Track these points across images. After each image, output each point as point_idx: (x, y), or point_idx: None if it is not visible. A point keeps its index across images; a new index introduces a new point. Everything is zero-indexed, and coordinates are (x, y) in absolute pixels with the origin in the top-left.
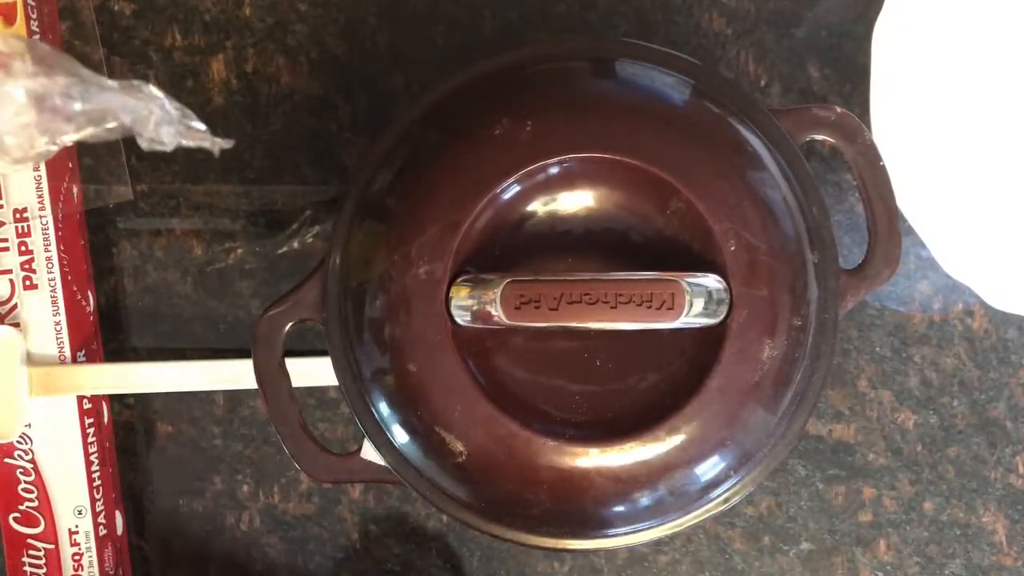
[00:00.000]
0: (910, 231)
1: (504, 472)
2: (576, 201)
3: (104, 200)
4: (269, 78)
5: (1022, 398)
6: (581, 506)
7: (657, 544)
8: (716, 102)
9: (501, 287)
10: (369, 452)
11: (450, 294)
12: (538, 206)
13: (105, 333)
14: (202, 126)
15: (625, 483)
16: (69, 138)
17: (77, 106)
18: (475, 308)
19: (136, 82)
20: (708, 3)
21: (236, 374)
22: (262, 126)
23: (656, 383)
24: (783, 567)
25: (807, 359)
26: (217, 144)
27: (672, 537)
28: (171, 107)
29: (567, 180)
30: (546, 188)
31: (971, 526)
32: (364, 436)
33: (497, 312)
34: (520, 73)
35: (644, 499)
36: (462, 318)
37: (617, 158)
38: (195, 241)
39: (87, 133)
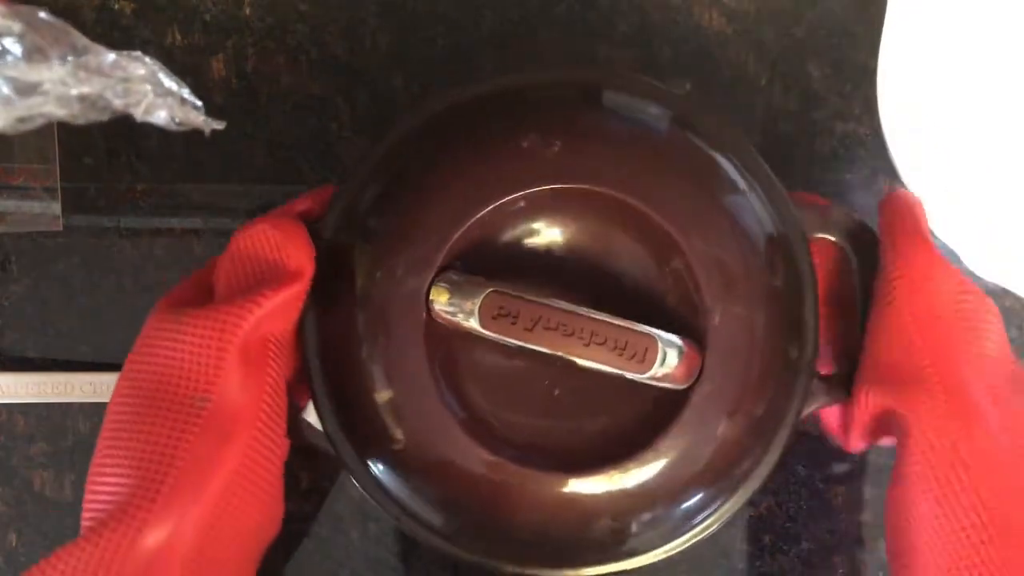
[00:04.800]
0: None
1: (445, 479)
2: (579, 234)
3: (29, 226)
4: (269, 78)
5: None
6: (528, 533)
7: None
8: (744, 179)
9: (484, 293)
10: (311, 414)
11: (431, 294)
12: (541, 228)
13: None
14: (197, 101)
15: (558, 517)
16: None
17: (73, 92)
18: (454, 309)
19: (135, 53)
20: (709, 2)
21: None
22: (262, 126)
23: (606, 428)
24: (783, 567)
25: (758, 448)
26: (210, 124)
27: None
28: (167, 79)
29: (577, 211)
30: (551, 213)
31: None
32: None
33: (474, 316)
34: (531, 96)
35: (563, 536)
36: (439, 310)
37: (631, 202)
38: (195, 241)
39: (76, 113)
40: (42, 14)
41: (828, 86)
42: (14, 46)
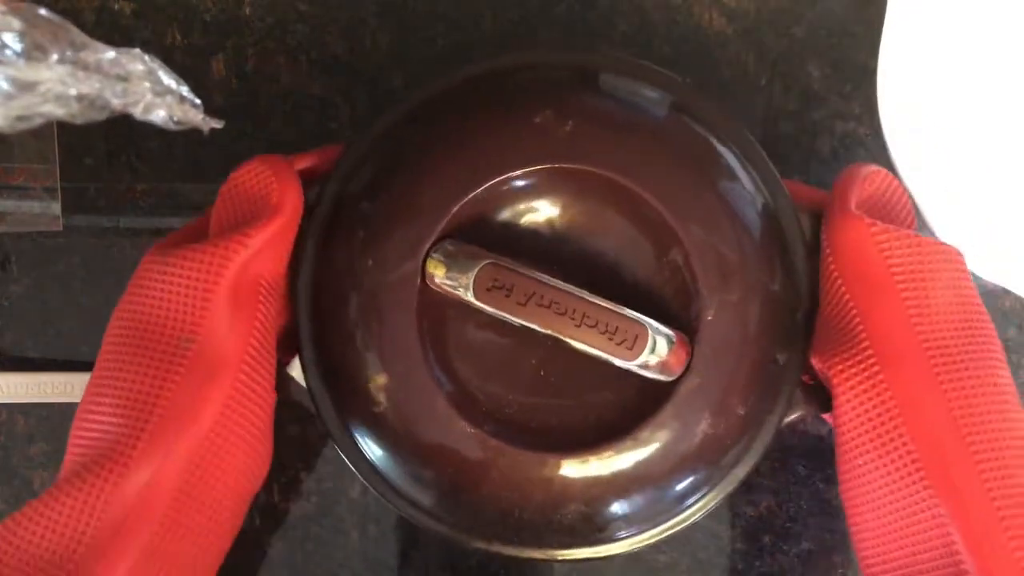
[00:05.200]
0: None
1: (436, 465)
2: (578, 216)
3: (29, 226)
4: (269, 78)
5: (1022, 398)
6: (498, 510)
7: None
8: (749, 177)
9: (480, 264)
10: (295, 369)
11: (427, 262)
12: (541, 208)
13: None
14: (196, 99)
15: (530, 496)
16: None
17: (71, 91)
18: (449, 279)
19: (135, 50)
20: (709, 2)
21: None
22: (262, 126)
23: (588, 413)
24: (783, 567)
25: (738, 448)
26: (208, 123)
27: (671, 537)
28: (166, 77)
29: (577, 193)
30: (552, 194)
31: None
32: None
33: (468, 287)
34: (536, 77)
35: (533, 516)
36: (434, 278)
37: (633, 188)
38: None
39: (75, 112)
40: (41, 11)
41: (828, 86)
42: (14, 43)
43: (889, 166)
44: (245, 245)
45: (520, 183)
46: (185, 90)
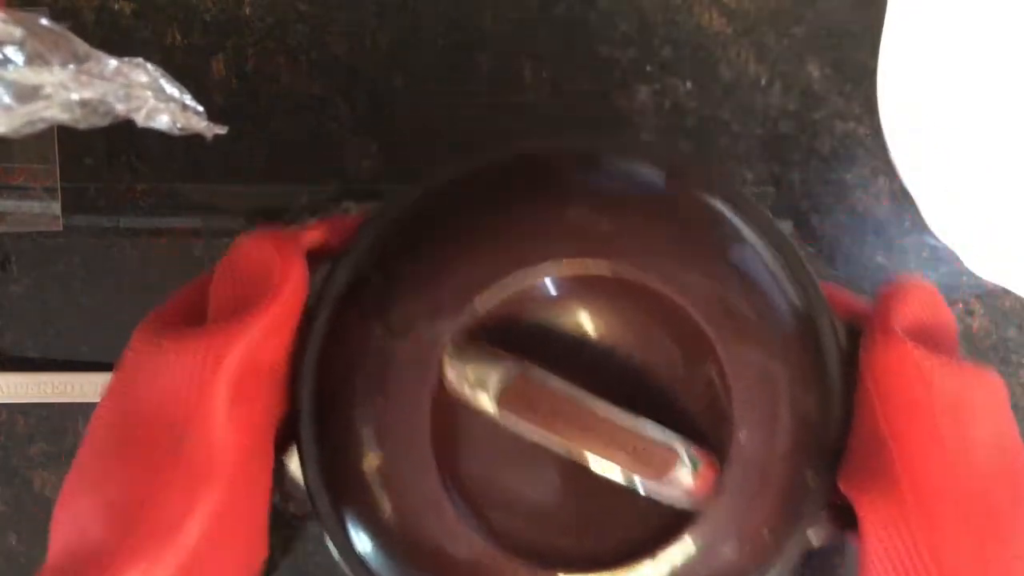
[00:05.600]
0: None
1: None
2: (608, 320)
3: (29, 226)
4: (269, 78)
5: (1022, 398)
6: None
7: None
8: (791, 283)
9: (506, 373)
10: (293, 462)
11: (446, 362)
12: (570, 307)
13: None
14: (199, 107)
15: None
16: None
17: (74, 96)
18: (468, 383)
19: (137, 59)
20: (708, 2)
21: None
22: (262, 126)
23: (604, 532)
24: None
25: (759, 572)
26: (212, 129)
27: None
28: (168, 86)
29: (610, 296)
30: (582, 294)
31: None
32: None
33: (490, 396)
34: (578, 167)
35: None
36: (452, 380)
37: (669, 294)
38: (195, 241)
39: (78, 117)
40: (43, 21)
41: (828, 86)
42: (16, 54)
43: (889, 166)
44: (244, 334)
45: (551, 283)
46: (188, 98)
